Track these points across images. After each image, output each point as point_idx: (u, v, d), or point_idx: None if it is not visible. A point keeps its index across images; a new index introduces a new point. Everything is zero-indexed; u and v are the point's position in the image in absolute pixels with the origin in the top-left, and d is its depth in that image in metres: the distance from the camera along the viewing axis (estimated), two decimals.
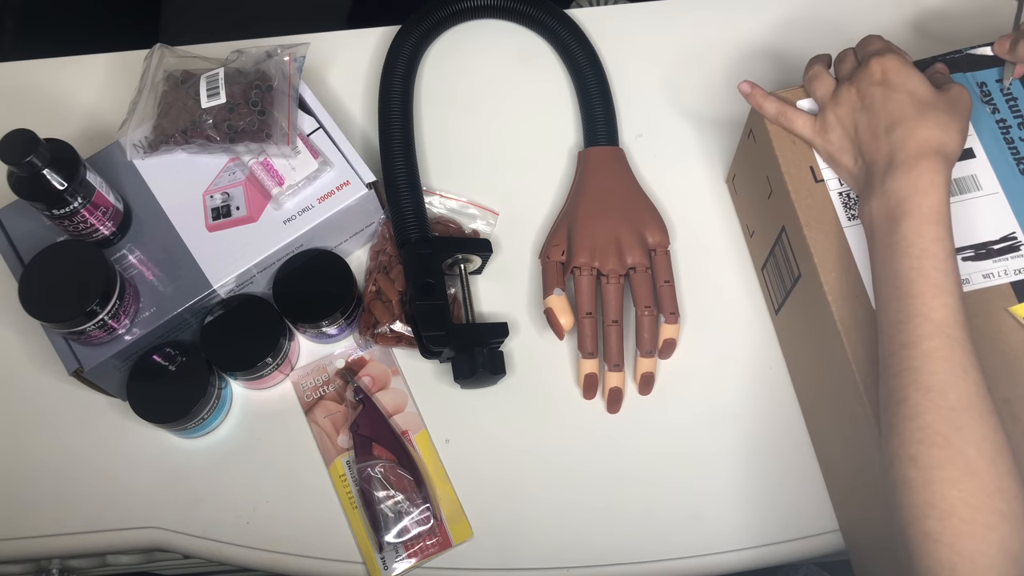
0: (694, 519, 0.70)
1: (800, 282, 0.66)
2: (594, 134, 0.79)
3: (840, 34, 0.84)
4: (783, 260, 0.68)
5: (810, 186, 0.64)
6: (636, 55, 0.84)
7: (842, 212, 0.63)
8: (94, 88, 0.84)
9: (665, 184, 0.79)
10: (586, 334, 0.71)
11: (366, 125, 0.83)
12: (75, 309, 0.64)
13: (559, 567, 0.69)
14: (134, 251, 0.71)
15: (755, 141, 0.69)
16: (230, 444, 0.73)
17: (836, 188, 0.63)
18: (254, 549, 0.70)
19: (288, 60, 0.74)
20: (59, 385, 0.74)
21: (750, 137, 0.70)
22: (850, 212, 0.63)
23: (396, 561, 0.69)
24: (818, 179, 0.64)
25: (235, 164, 0.73)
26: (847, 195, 0.63)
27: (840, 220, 0.62)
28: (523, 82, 0.84)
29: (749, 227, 0.76)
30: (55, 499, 0.72)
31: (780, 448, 0.71)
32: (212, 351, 0.70)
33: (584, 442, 0.72)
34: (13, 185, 0.64)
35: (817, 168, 0.64)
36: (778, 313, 0.72)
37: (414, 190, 0.75)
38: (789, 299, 0.69)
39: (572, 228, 0.74)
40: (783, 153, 0.65)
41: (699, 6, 0.86)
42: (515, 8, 0.84)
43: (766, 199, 0.68)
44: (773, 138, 0.65)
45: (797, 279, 0.66)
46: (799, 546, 0.69)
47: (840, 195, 0.63)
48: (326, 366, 0.75)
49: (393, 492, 0.70)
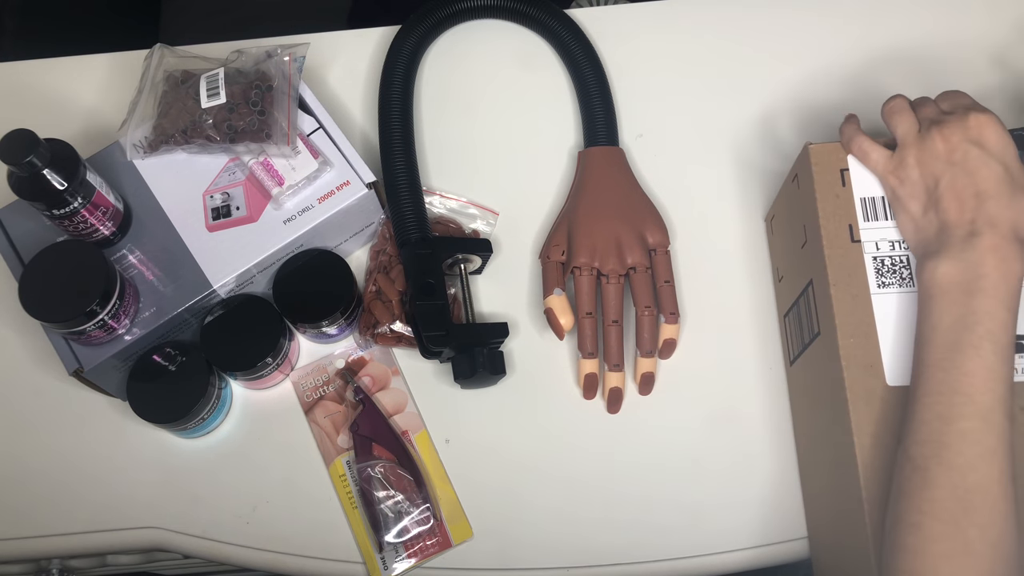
0: (694, 519, 0.70)
1: (817, 340, 0.64)
2: (594, 134, 0.79)
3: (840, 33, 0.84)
4: (805, 313, 0.66)
5: (846, 244, 0.61)
6: (636, 55, 0.84)
7: (873, 277, 0.60)
8: (94, 88, 0.84)
9: (665, 184, 0.79)
10: (586, 334, 0.71)
11: (366, 125, 0.83)
12: (75, 309, 0.63)
13: (559, 567, 0.69)
14: (134, 251, 0.71)
15: (799, 187, 0.66)
16: (230, 444, 0.73)
17: (872, 252, 0.61)
18: (254, 549, 0.70)
19: (288, 60, 0.74)
20: (59, 385, 0.74)
21: (794, 182, 0.67)
22: (881, 279, 0.60)
23: (396, 561, 0.69)
24: (855, 239, 0.61)
25: (235, 164, 0.73)
26: (881, 261, 0.61)
27: (870, 285, 0.60)
28: (523, 82, 0.84)
29: (779, 271, 0.74)
30: (55, 499, 0.72)
31: (780, 448, 0.71)
32: (212, 351, 0.70)
33: (584, 442, 0.72)
34: (13, 185, 0.64)
35: (856, 227, 0.62)
36: (792, 364, 0.71)
37: (414, 190, 0.75)
38: (805, 353, 0.67)
39: (572, 228, 0.74)
40: (824, 205, 0.62)
41: (699, 6, 0.86)
42: (515, 8, 0.84)
43: (799, 248, 0.66)
44: (817, 188, 0.63)
45: (815, 336, 0.64)
46: (799, 546, 0.69)
47: (875, 259, 0.61)
48: (326, 366, 0.75)
49: (393, 492, 0.70)
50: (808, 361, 0.67)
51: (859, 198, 0.63)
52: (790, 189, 0.69)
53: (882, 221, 0.62)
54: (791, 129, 0.81)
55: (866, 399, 0.58)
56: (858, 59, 0.83)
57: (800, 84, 0.82)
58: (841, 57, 0.83)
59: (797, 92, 0.82)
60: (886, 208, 0.62)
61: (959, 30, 0.83)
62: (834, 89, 0.82)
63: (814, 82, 0.82)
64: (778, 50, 0.84)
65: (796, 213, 0.68)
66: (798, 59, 0.83)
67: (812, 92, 0.82)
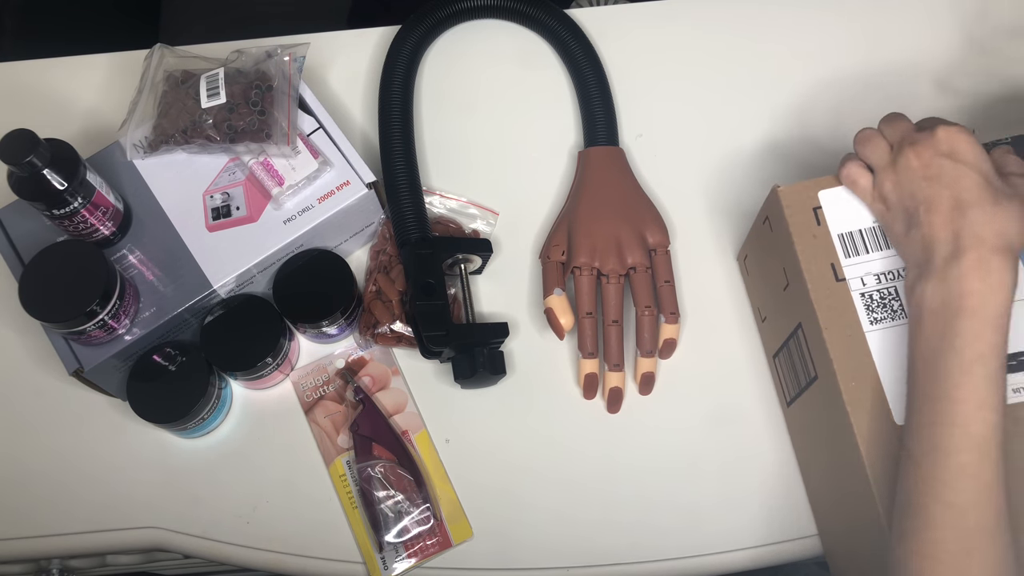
0: (694, 519, 0.70)
1: (816, 383, 0.62)
2: (594, 134, 0.79)
3: (841, 34, 0.84)
4: (798, 356, 0.64)
5: (831, 285, 0.60)
6: (636, 55, 0.84)
7: (864, 315, 0.59)
8: (94, 88, 0.84)
9: (665, 184, 0.79)
10: (586, 334, 0.71)
11: (366, 125, 0.83)
12: (75, 309, 0.63)
13: (559, 567, 0.69)
14: (134, 251, 0.71)
15: (771, 229, 0.65)
16: (230, 444, 0.73)
17: (858, 288, 0.59)
18: (254, 549, 0.70)
19: (288, 60, 0.74)
20: (59, 385, 0.74)
21: (765, 224, 0.66)
22: (872, 316, 0.59)
23: (396, 561, 0.69)
24: (840, 278, 0.60)
25: (235, 164, 0.73)
26: (869, 296, 0.59)
27: (862, 324, 0.59)
28: (523, 82, 0.84)
29: (761, 312, 0.72)
30: (55, 499, 0.72)
31: (780, 448, 0.71)
32: (212, 351, 0.70)
33: (584, 442, 0.72)
34: (13, 185, 0.64)
35: (839, 266, 0.60)
36: (790, 406, 0.69)
37: (414, 190, 0.75)
38: (803, 396, 0.65)
39: (572, 228, 0.74)
40: (803, 247, 0.61)
41: (699, 6, 0.87)
42: (515, 8, 0.84)
43: (781, 290, 0.65)
44: (793, 230, 0.61)
45: (813, 379, 0.62)
46: (799, 546, 0.69)
47: (863, 296, 0.59)
48: (326, 366, 0.75)
49: (393, 492, 0.70)
50: (808, 403, 0.65)
51: (836, 235, 0.61)
52: (762, 231, 0.67)
53: (863, 255, 0.60)
54: (791, 128, 0.81)
55: (876, 442, 0.56)
56: (858, 59, 0.83)
57: (801, 83, 0.82)
58: (841, 57, 0.83)
59: (797, 91, 0.82)
60: (865, 241, 0.61)
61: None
62: (833, 86, 0.82)
63: (815, 81, 0.82)
64: (778, 50, 0.84)
65: (773, 255, 0.66)
66: (799, 58, 0.83)
67: (812, 91, 0.82)
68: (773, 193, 0.63)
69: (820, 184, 0.62)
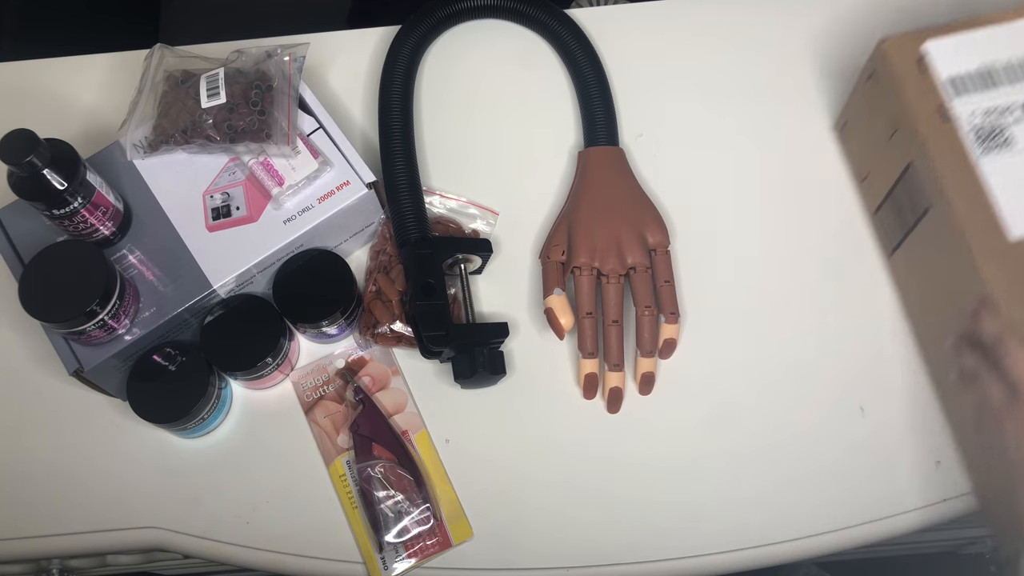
0: (694, 519, 0.70)
1: (929, 214, 0.65)
2: (594, 134, 0.79)
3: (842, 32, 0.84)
4: (906, 198, 0.68)
5: (938, 123, 0.64)
6: (636, 55, 0.84)
7: (973, 144, 0.63)
8: (94, 88, 0.84)
9: (665, 184, 0.79)
10: (586, 334, 0.71)
11: (366, 125, 0.83)
12: (75, 309, 0.63)
13: (559, 567, 0.69)
14: (134, 251, 0.71)
15: (877, 82, 0.69)
16: (230, 444, 0.73)
17: (967, 121, 0.64)
18: (254, 549, 0.70)
19: (288, 60, 0.74)
20: (59, 385, 0.74)
21: (870, 79, 0.70)
22: (983, 146, 0.63)
23: (396, 561, 0.69)
24: (946, 117, 0.64)
25: (235, 164, 0.73)
26: (978, 129, 0.64)
27: (972, 152, 0.63)
28: (523, 82, 0.84)
29: (862, 172, 0.76)
30: (55, 499, 0.72)
31: (780, 448, 0.71)
32: (212, 351, 0.70)
33: (584, 442, 0.72)
34: (13, 185, 0.64)
35: (946, 106, 0.64)
36: (893, 254, 0.73)
37: (414, 190, 0.75)
38: (911, 236, 0.69)
39: (572, 228, 0.74)
40: (911, 90, 0.65)
41: (699, 5, 0.86)
42: (515, 8, 0.84)
43: (887, 139, 0.69)
44: (900, 79, 0.65)
45: (925, 212, 0.66)
46: (799, 546, 0.69)
47: (972, 127, 0.63)
48: (326, 366, 0.75)
49: (393, 492, 0.70)
50: (917, 241, 0.68)
51: (944, 79, 0.65)
52: (866, 88, 0.71)
53: (972, 94, 0.64)
54: (791, 128, 0.81)
55: (993, 256, 0.59)
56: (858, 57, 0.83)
57: (801, 82, 0.82)
58: (841, 56, 0.83)
59: (797, 90, 0.82)
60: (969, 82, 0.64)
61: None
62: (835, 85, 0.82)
63: (817, 79, 0.82)
64: (778, 49, 0.84)
65: (878, 109, 0.70)
66: (799, 58, 0.83)
67: (812, 90, 0.82)
68: (879, 48, 0.67)
69: (924, 35, 0.66)
